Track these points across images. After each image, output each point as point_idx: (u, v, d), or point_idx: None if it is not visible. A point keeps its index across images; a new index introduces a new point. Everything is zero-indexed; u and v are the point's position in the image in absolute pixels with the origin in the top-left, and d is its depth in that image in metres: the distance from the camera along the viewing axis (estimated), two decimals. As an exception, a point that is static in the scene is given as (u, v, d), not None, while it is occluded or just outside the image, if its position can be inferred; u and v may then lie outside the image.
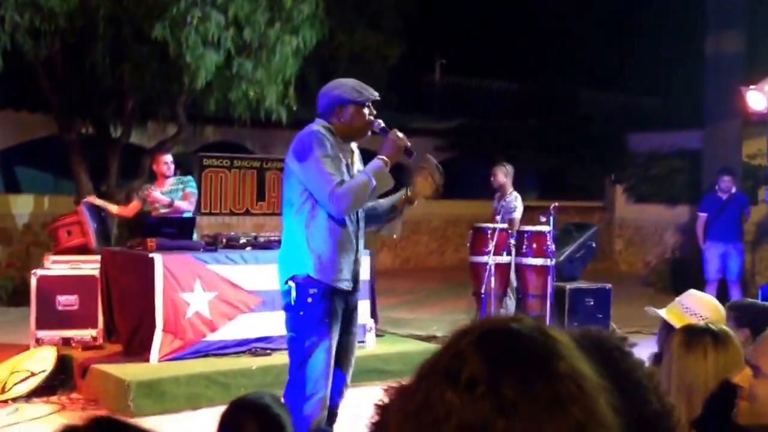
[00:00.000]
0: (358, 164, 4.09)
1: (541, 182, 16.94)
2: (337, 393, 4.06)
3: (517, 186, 8.50)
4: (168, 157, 7.76)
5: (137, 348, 6.41)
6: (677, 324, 3.20)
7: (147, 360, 6.20)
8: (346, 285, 3.92)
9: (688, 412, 2.45)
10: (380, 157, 3.88)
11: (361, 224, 4.02)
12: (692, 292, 3.39)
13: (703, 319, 3.19)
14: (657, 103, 14.95)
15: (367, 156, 4.14)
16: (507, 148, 16.06)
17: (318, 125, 3.93)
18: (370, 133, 4.03)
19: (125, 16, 9.51)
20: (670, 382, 2.56)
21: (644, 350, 5.85)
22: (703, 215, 10.17)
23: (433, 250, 16.78)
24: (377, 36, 12.59)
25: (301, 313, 3.85)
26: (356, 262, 3.99)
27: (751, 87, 7.20)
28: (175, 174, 7.89)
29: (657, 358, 3.21)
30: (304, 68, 10.22)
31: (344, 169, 3.89)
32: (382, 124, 4.00)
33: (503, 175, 8.36)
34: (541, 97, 16.51)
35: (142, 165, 10.66)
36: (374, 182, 3.80)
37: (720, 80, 12.28)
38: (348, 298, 4.00)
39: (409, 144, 3.93)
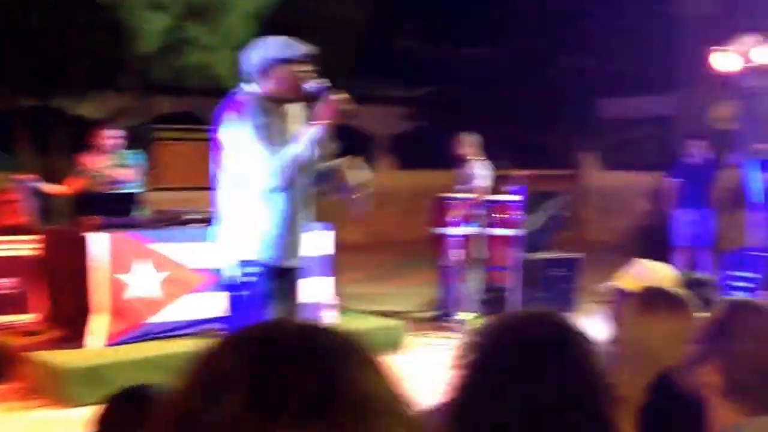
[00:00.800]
0: (297, 127, 3.69)
1: (512, 150, 16.55)
2: None
3: (488, 155, 8.23)
4: (112, 132, 7.30)
5: (78, 333, 5.99)
6: (633, 288, 2.93)
7: (88, 346, 5.79)
8: (292, 262, 3.58)
9: (642, 384, 2.23)
10: (318, 122, 3.52)
11: (303, 195, 3.64)
12: (641, 261, 3.10)
13: None
14: (628, 67, 14.57)
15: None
16: (476, 116, 15.69)
17: (244, 92, 3.58)
18: (304, 93, 3.63)
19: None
20: (622, 352, 2.34)
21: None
22: (673, 181, 9.87)
23: (401, 223, 16.40)
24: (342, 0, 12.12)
25: (243, 293, 3.51)
26: (299, 235, 3.64)
27: (720, 48, 6.86)
28: (126, 148, 7.47)
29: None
30: (263, 34, 9.70)
31: (279, 136, 3.52)
32: (318, 84, 3.60)
33: (467, 145, 8.12)
34: (511, 63, 16.09)
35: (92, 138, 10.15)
36: (312, 150, 3.48)
37: (692, 42, 11.96)
38: (293, 277, 3.64)
39: (349, 107, 3.54)
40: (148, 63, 9.65)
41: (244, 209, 3.50)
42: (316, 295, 6.30)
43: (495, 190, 7.94)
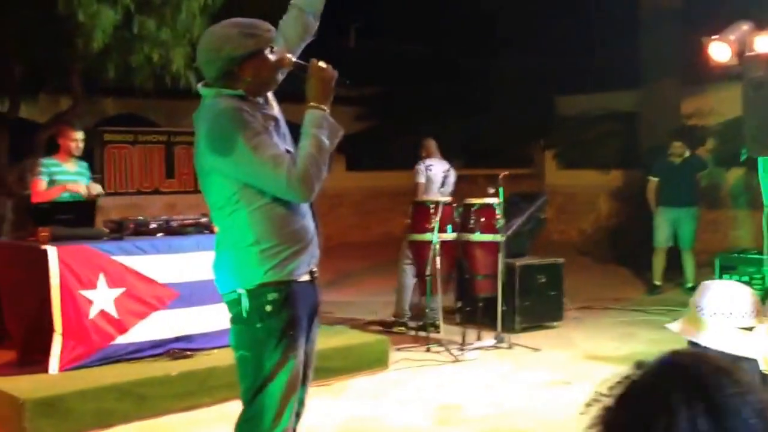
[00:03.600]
0: (275, 110, 3.20)
1: (466, 150, 16.29)
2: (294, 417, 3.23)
3: (442, 154, 8.21)
4: (80, 134, 6.80)
5: (34, 356, 5.44)
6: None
7: (46, 370, 5.25)
8: (314, 269, 3.12)
9: None
10: (313, 104, 3.00)
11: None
12: (709, 285, 2.72)
13: (742, 315, 2.56)
14: (586, 63, 14.37)
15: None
16: (429, 114, 15.36)
17: (221, 98, 3.01)
18: (281, 77, 3.14)
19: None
20: None
21: (596, 325, 5.14)
22: (654, 180, 9.69)
23: (356, 225, 16.03)
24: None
25: (258, 325, 2.98)
26: (317, 241, 3.17)
27: (714, 37, 6.61)
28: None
29: None
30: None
31: (276, 133, 3.04)
32: (293, 59, 3.13)
33: (431, 148, 8.35)
34: (464, 60, 15.80)
35: (36, 141, 9.51)
36: (326, 140, 2.96)
37: (657, 37, 11.80)
38: (313, 292, 3.16)
39: (336, 73, 3.05)
40: (95, 62, 9.02)
41: (251, 233, 2.98)
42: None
43: (468, 193, 7.69)
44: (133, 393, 5.16)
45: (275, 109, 3.19)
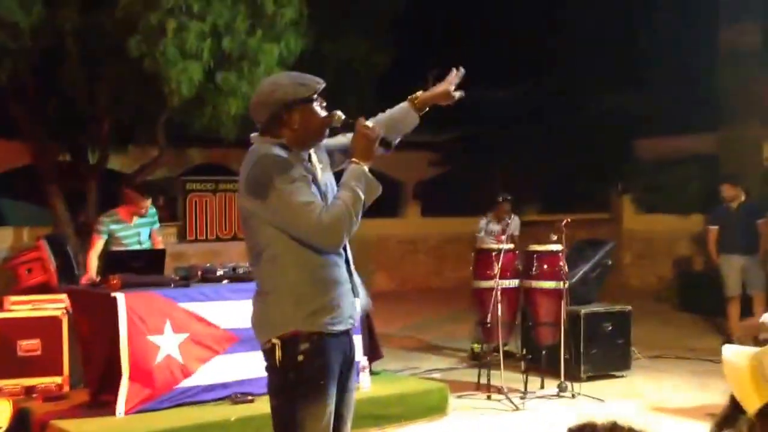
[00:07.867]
0: (320, 171, 3.22)
1: (542, 195, 16.21)
2: None
3: (518, 200, 8.30)
4: (148, 201, 7.17)
5: (104, 398, 5.68)
6: None
7: (113, 413, 5.46)
8: (349, 323, 3.14)
9: None
10: (355, 160, 3.08)
11: (347, 245, 3.21)
12: None
13: None
14: (664, 106, 14.16)
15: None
16: (505, 159, 15.35)
17: (264, 144, 3.09)
18: (328, 131, 3.22)
19: (96, 30, 8.87)
20: None
21: (667, 376, 4.96)
22: (713, 228, 9.40)
23: (431, 270, 16.09)
24: (366, 43, 11.94)
25: (290, 374, 3.04)
26: (353, 292, 3.19)
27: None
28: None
29: None
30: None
31: (315, 188, 3.10)
32: (343, 116, 3.19)
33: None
34: (539, 104, 15.77)
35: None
36: (362, 193, 3.02)
37: (736, 77, 11.60)
38: (347, 343, 3.20)
39: (382, 133, 3.13)
40: (180, 114, 9.43)
41: (282, 280, 3.05)
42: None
43: (527, 237, 7.71)
44: (200, 436, 5.32)
45: (317, 168, 3.22)
